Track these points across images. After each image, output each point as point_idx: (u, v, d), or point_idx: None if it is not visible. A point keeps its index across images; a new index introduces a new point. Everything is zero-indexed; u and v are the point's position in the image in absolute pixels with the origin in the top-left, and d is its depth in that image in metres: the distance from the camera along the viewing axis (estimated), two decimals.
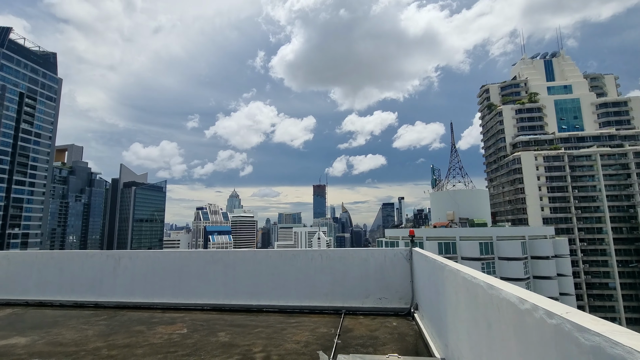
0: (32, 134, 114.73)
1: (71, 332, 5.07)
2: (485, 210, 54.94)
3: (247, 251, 6.60)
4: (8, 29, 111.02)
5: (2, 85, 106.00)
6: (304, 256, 6.35)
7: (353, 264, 6.16)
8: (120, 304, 6.72)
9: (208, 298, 6.47)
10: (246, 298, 6.34)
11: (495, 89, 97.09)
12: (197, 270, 6.65)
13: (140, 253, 7.01)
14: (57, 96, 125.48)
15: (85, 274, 7.08)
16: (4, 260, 7.53)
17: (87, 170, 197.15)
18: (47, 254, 7.45)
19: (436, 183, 67.31)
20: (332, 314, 5.87)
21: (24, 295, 7.22)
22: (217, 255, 6.66)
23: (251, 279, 6.43)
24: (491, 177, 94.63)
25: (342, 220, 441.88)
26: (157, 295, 6.68)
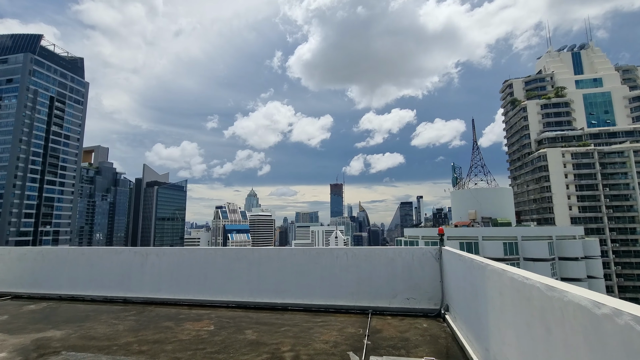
0: (61, 136, 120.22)
1: (103, 326, 5.16)
2: (509, 209, 53.10)
3: (271, 249, 6.56)
4: (39, 36, 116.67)
5: (34, 90, 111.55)
6: (328, 254, 6.24)
7: (379, 263, 6.00)
8: (147, 299, 6.84)
9: (233, 295, 6.48)
10: (271, 296, 6.30)
11: (519, 84, 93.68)
12: (222, 268, 6.67)
13: (167, 250, 7.10)
14: (85, 99, 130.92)
15: (114, 270, 7.24)
16: (38, 256, 7.82)
17: (112, 170, 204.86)
18: (78, 250, 7.68)
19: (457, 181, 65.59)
20: (359, 313, 5.74)
21: (57, 289, 7.47)
22: (241, 252, 6.66)
23: (275, 277, 6.38)
24: (515, 175, 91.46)
25: (360, 220, 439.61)
26: (183, 292, 6.75)
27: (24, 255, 7.93)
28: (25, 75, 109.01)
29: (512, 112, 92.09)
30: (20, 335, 4.73)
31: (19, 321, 5.53)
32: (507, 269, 2.71)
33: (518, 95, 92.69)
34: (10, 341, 4.49)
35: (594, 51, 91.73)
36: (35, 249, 7.92)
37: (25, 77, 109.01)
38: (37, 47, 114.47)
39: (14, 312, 6.13)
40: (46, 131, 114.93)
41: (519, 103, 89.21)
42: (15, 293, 7.65)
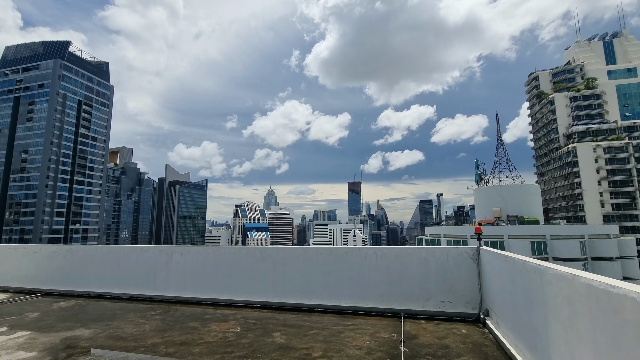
0: (89, 138, 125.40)
1: (129, 325, 5.10)
2: (536, 207, 50.82)
3: (297, 248, 6.35)
4: (67, 42, 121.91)
5: (63, 94, 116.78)
6: (356, 254, 5.96)
7: (411, 264, 5.67)
8: (172, 298, 6.79)
9: (258, 296, 6.32)
10: (297, 297, 6.09)
11: (546, 76, 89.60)
12: (246, 267, 6.53)
13: (191, 249, 7.03)
14: (110, 102, 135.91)
15: (140, 268, 7.25)
16: (68, 254, 7.95)
17: (136, 170, 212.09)
18: (105, 248, 7.75)
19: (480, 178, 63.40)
20: (390, 316, 5.44)
21: (86, 287, 7.56)
22: (266, 252, 6.48)
23: (302, 277, 6.16)
24: (541, 172, 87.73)
25: (378, 218, 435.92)
26: (207, 291, 6.65)
27: (54, 252, 8.09)
28: (55, 80, 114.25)
29: (539, 105, 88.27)
30: (50, 334, 4.73)
31: (50, 319, 5.57)
32: (579, 274, 2.35)
33: (545, 88, 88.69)
34: (40, 340, 4.48)
35: (627, 39, 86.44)
36: (65, 247, 8.06)
37: (55, 82, 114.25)
38: (65, 53, 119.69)
39: (45, 310, 6.20)
40: (75, 133, 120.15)
41: (546, 96, 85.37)
42: (46, 290, 7.81)
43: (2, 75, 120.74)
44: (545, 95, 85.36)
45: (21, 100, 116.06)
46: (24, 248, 8.45)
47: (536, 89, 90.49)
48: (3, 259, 8.58)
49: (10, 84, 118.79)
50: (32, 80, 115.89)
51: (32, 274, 8.16)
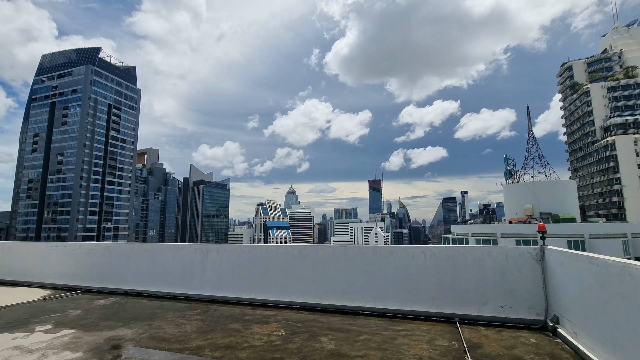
0: (118, 140, 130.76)
1: (170, 326, 4.96)
2: (571, 204, 47.96)
3: (338, 247, 6.02)
4: (98, 49, 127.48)
5: (94, 98, 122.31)
6: (402, 253, 5.56)
7: (465, 264, 5.21)
8: (209, 297, 6.65)
9: (297, 296, 6.05)
10: (338, 298, 5.78)
11: (580, 66, 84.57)
12: (284, 266, 6.28)
13: (227, 247, 6.87)
14: (137, 105, 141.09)
15: (176, 267, 7.17)
16: (105, 251, 8.01)
17: (163, 171, 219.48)
18: (141, 246, 7.75)
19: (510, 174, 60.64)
20: (443, 322, 5.01)
21: (123, 284, 7.58)
22: (305, 250, 6.20)
23: (343, 276, 5.84)
24: (575, 167, 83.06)
25: (400, 216, 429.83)
26: (244, 291, 6.46)
27: (93, 250, 8.19)
28: (87, 86, 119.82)
29: (572, 97, 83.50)
30: (94, 333, 4.65)
31: (92, 317, 5.54)
32: None
33: (579, 79, 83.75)
34: (84, 339, 4.40)
35: None
36: (103, 245, 8.14)
37: (87, 87, 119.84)
38: (96, 59, 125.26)
39: (86, 307, 6.21)
40: (105, 136, 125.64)
41: (580, 87, 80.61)
42: (86, 287, 7.91)
43: (39, 82, 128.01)
44: (580, 86, 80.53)
45: (56, 106, 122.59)
46: (64, 245, 8.62)
47: (569, 79, 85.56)
48: (45, 256, 8.80)
49: (46, 90, 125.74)
50: (66, 86, 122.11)
51: (72, 271, 8.30)
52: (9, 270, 9.31)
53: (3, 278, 9.24)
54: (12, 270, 9.26)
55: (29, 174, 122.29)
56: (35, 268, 8.88)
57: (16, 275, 9.12)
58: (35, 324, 5.17)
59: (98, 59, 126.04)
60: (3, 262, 9.48)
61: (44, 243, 9.02)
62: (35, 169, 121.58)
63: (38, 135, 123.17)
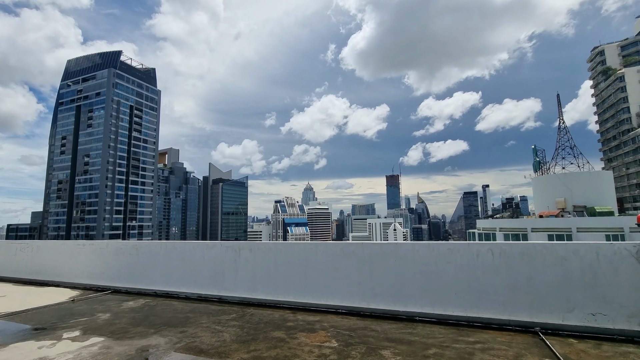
0: (140, 141, 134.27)
1: (206, 333, 4.45)
2: (608, 196, 45.03)
3: (387, 244, 5.35)
4: (119, 52, 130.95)
5: (117, 100, 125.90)
6: (465, 251, 4.83)
7: (543, 264, 4.43)
8: (243, 300, 6.14)
9: (340, 299, 5.44)
10: (389, 302, 5.12)
11: (613, 50, 79.50)
12: (325, 266, 5.67)
13: (261, 245, 6.33)
14: (158, 106, 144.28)
15: (206, 266, 6.70)
16: (133, 250, 7.66)
17: (183, 170, 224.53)
18: (169, 244, 7.33)
19: (540, 166, 57.74)
20: (520, 331, 4.27)
21: (152, 285, 7.20)
22: (349, 248, 5.57)
23: (393, 278, 5.17)
24: (609, 157, 78.44)
25: (419, 211, 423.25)
26: (281, 293, 5.91)
27: (120, 249, 7.86)
28: (110, 88, 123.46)
29: (605, 83, 78.70)
30: (124, 342, 4.19)
31: (121, 321, 5.12)
32: None
33: (612, 63, 78.77)
34: (115, 349, 3.93)
35: None
36: (130, 243, 7.79)
37: (110, 90, 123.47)
38: (117, 62, 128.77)
39: (115, 310, 5.83)
40: (128, 137, 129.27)
41: (613, 72, 75.83)
42: (114, 287, 7.59)
43: (65, 86, 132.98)
44: (614, 71, 75.70)
45: (82, 109, 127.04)
46: (91, 244, 8.35)
47: (601, 64, 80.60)
48: (73, 255, 8.57)
49: (72, 94, 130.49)
50: (90, 89, 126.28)
51: (99, 271, 8.02)
52: (39, 270, 9.18)
53: (33, 278, 9.12)
54: (42, 270, 9.12)
55: (58, 175, 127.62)
56: (64, 267, 8.68)
57: (45, 275, 8.97)
58: (62, 329, 4.78)
59: (119, 62, 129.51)
60: (33, 261, 9.36)
61: (72, 242, 8.80)
62: (63, 170, 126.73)
63: (65, 137, 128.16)
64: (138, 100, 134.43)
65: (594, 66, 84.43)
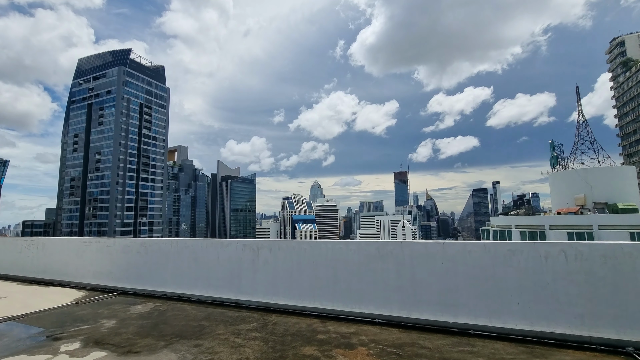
0: (150, 138, 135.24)
1: (225, 348, 3.78)
2: (631, 192, 43.15)
3: (432, 244, 4.60)
4: (128, 50, 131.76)
5: (127, 98, 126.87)
6: (530, 252, 4.05)
7: (633, 269, 3.63)
8: (263, 305, 5.47)
9: (376, 306, 4.72)
10: (435, 311, 4.38)
11: (634, 40, 76.44)
12: (358, 268, 4.95)
13: (282, 244, 5.64)
14: (167, 104, 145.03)
15: (221, 266, 6.05)
16: (141, 248, 7.06)
17: (192, 167, 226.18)
18: (181, 242, 6.71)
19: (558, 161, 55.84)
20: (608, 352, 3.49)
21: (162, 286, 6.59)
22: (385, 248, 4.83)
23: (440, 283, 4.42)
24: (629, 152, 75.76)
25: (427, 208, 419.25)
26: (307, 298, 5.22)
27: (128, 247, 7.28)
28: (120, 87, 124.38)
29: (625, 75, 75.77)
30: (130, 359, 3.55)
31: (127, 330, 4.50)
32: None
33: (633, 54, 75.77)
34: None
35: None
36: (138, 241, 7.20)
37: (120, 88, 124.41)
38: (127, 60, 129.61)
39: (121, 315, 5.22)
40: (138, 134, 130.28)
41: (635, 63, 72.94)
42: (122, 288, 7.02)
43: (77, 85, 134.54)
44: (635, 63, 72.79)
45: (93, 107, 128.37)
46: (98, 242, 7.79)
47: (621, 55, 77.60)
48: (79, 253, 8.04)
49: (84, 93, 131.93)
50: (101, 87, 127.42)
51: (106, 270, 7.46)
52: (44, 268, 8.69)
53: (39, 277, 8.63)
54: (48, 268, 8.62)
55: (71, 172, 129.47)
56: (70, 266, 8.16)
57: (51, 274, 8.47)
58: (61, 340, 4.18)
59: (129, 60, 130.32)
60: (39, 259, 8.88)
61: (78, 239, 8.27)
62: (76, 167, 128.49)
63: (78, 135, 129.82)
64: (148, 98, 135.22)
65: (613, 57, 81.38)
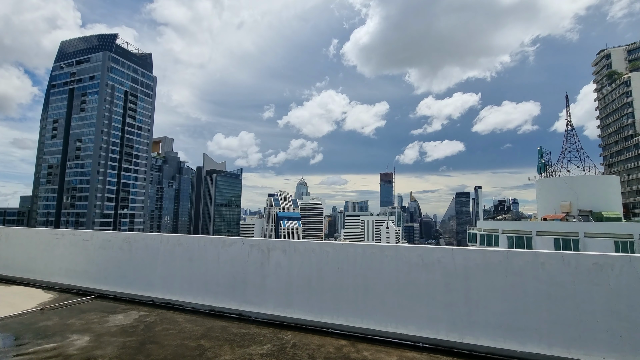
0: (134, 127, 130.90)
1: None
2: (614, 201, 44.14)
3: (493, 252, 3.76)
4: (114, 35, 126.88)
5: (111, 85, 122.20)
6: (623, 267, 3.26)
7: None
8: (274, 318, 4.52)
9: (418, 327, 3.86)
10: (496, 336, 3.55)
11: (620, 54, 78.61)
12: (395, 278, 4.07)
13: (299, 245, 4.70)
14: (153, 93, 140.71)
15: (222, 270, 5.06)
16: (124, 244, 5.98)
17: (177, 159, 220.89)
18: (172, 238, 5.66)
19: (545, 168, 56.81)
20: None
21: (149, 290, 5.55)
22: (431, 255, 3.96)
23: (502, 301, 3.59)
24: (609, 162, 78.00)
25: (411, 210, 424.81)
26: (329, 312, 4.30)
27: (108, 242, 6.17)
28: (104, 72, 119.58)
29: (609, 87, 77.92)
30: None
31: (105, 352, 3.48)
32: None
33: (617, 67, 77.94)
34: None
35: None
36: (121, 235, 6.10)
37: (104, 74, 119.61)
38: (113, 45, 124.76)
39: (98, 329, 4.17)
40: (122, 123, 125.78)
41: (619, 76, 74.97)
42: (99, 291, 5.92)
43: (58, 68, 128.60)
44: (619, 75, 74.81)
45: (75, 92, 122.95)
46: (72, 234, 6.64)
47: (607, 68, 79.68)
48: (49, 247, 6.86)
49: (65, 77, 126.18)
50: (84, 72, 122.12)
51: (81, 269, 6.33)
52: (6, 263, 7.45)
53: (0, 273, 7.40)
54: (11, 263, 7.39)
55: (49, 159, 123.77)
56: (38, 262, 6.97)
57: (14, 270, 7.24)
58: None
59: (115, 46, 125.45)
60: (0, 252, 7.63)
61: (48, 230, 7.08)
62: (54, 154, 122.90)
63: (57, 121, 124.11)
64: (133, 85, 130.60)
65: (598, 69, 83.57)
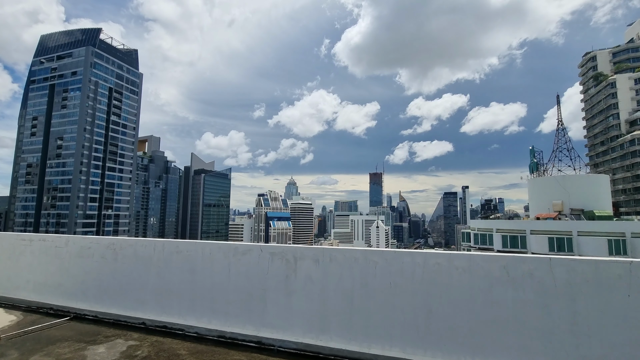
0: (119, 125, 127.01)
1: None
2: (605, 200, 44.71)
3: (610, 263, 2.85)
4: (98, 30, 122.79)
5: (95, 81, 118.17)
6: None
7: None
8: (305, 348, 3.52)
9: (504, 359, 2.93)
10: None
11: (605, 56, 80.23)
12: (469, 295, 3.13)
13: (336, 252, 3.70)
14: (139, 90, 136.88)
15: (235, 284, 4.03)
16: (108, 252, 4.86)
17: (164, 159, 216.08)
18: (169, 244, 4.58)
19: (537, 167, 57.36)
20: None
21: (139, 310, 4.45)
22: (519, 267, 3.03)
23: (623, 329, 2.70)
24: (596, 162, 79.52)
25: (400, 210, 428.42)
26: (379, 340, 3.33)
27: (88, 249, 5.03)
28: (87, 68, 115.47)
29: (595, 89, 79.44)
30: None
31: None
32: None
33: (603, 69, 79.59)
34: None
35: None
36: (104, 241, 4.97)
37: (87, 70, 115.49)
38: (96, 40, 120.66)
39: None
40: (106, 121, 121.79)
41: (604, 78, 76.51)
42: (76, 311, 4.78)
43: (38, 63, 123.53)
44: (605, 77, 76.36)
45: (56, 88, 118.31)
46: (42, 240, 5.45)
47: (592, 70, 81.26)
48: (14, 255, 5.66)
49: (45, 72, 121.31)
50: (65, 68, 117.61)
51: (54, 282, 5.18)
52: None
53: None
54: None
55: (28, 158, 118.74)
56: (0, 273, 5.76)
57: None
58: None
59: (99, 41, 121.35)
60: None
61: (14, 235, 5.86)
62: (34, 153, 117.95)
63: (37, 119, 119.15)
64: (118, 82, 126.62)
65: (585, 71, 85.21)
